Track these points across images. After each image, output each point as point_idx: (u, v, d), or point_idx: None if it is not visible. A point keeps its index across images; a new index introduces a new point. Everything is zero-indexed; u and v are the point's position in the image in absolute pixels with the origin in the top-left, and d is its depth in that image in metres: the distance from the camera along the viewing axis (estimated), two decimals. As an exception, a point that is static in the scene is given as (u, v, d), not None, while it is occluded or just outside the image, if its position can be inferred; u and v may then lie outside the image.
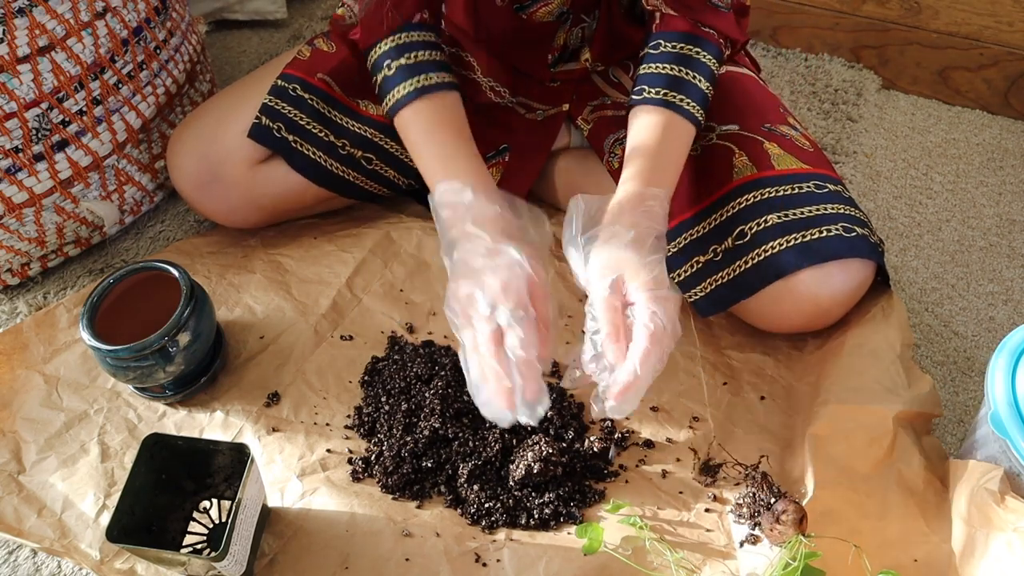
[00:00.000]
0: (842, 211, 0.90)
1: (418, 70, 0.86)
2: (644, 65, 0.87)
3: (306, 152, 1.01)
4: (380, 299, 1.01)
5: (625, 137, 1.00)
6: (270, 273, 1.04)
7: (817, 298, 0.88)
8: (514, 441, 0.85)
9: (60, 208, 1.03)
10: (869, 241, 0.89)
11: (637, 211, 0.76)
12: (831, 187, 0.92)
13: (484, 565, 0.77)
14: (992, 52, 1.29)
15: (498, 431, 0.85)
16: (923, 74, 1.36)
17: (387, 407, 0.89)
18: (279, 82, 1.01)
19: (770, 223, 0.88)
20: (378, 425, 0.88)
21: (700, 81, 0.86)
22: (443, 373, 0.91)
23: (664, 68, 0.86)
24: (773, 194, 0.89)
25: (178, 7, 1.15)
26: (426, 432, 0.84)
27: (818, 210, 0.89)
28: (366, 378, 0.93)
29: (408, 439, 0.84)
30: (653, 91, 0.85)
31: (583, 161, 1.09)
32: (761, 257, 0.88)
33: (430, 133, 0.85)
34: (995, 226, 1.17)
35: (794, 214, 0.89)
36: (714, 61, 0.87)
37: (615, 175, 1.01)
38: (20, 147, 0.96)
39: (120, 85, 1.04)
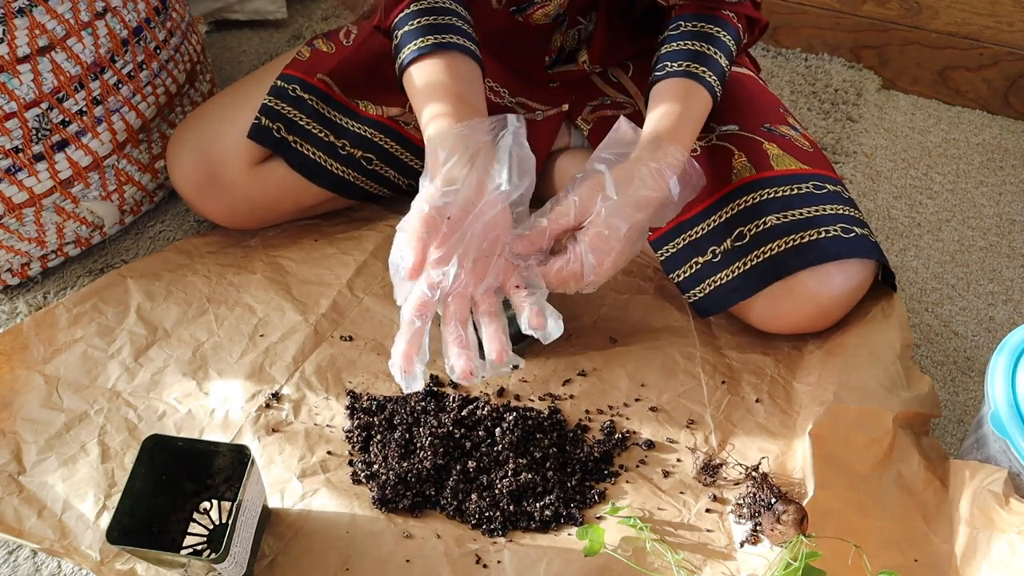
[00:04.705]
0: (841, 212, 0.90)
1: (439, 29, 0.86)
2: (665, 45, 0.89)
3: (306, 152, 1.01)
4: (381, 300, 1.01)
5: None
6: (270, 273, 1.04)
7: (816, 299, 0.88)
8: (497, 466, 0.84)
9: (60, 208, 1.03)
10: (869, 241, 0.89)
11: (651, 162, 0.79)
12: (830, 188, 0.92)
13: (485, 567, 0.77)
14: (992, 52, 1.29)
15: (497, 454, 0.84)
16: (923, 74, 1.36)
17: (378, 436, 0.86)
18: (279, 82, 1.01)
19: (769, 224, 0.88)
20: (372, 444, 0.86)
21: (720, 57, 0.88)
22: (430, 416, 0.87)
23: (685, 44, 0.88)
24: (772, 195, 0.89)
25: (178, 7, 1.15)
26: (426, 464, 0.82)
27: (817, 211, 0.89)
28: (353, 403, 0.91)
29: (406, 465, 0.82)
30: (675, 65, 0.87)
31: (583, 161, 1.09)
32: (760, 258, 0.88)
33: (440, 85, 0.82)
34: (995, 226, 1.17)
35: (793, 215, 0.89)
36: (732, 40, 0.89)
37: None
38: (20, 147, 0.96)
39: (120, 85, 1.04)
